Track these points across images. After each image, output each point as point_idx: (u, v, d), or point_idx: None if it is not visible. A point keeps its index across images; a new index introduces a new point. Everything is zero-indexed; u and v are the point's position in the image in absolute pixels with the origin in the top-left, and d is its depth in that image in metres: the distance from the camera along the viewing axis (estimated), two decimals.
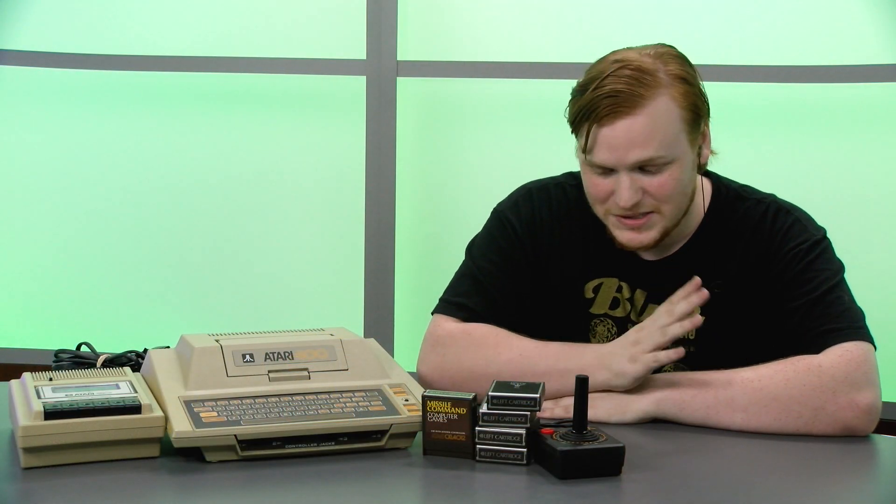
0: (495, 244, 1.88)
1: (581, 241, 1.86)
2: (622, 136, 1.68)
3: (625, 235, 1.77)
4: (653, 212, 1.74)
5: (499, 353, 1.75)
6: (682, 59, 1.75)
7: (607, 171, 1.73)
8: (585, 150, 1.72)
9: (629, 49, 1.75)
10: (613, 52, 1.75)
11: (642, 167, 1.71)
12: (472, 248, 1.91)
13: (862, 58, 2.99)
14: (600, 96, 1.68)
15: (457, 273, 1.90)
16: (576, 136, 1.77)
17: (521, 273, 1.86)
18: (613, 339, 1.83)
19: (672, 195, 1.73)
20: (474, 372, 1.75)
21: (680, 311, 1.67)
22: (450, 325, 1.82)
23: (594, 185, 1.76)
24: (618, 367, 1.67)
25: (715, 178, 1.88)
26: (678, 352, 1.67)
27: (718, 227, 1.83)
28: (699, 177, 1.82)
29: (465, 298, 1.84)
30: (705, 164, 1.80)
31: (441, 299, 1.88)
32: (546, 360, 1.72)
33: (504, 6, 3.20)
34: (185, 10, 3.35)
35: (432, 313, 1.87)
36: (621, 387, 1.68)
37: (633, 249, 1.79)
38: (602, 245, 1.85)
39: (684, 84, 1.71)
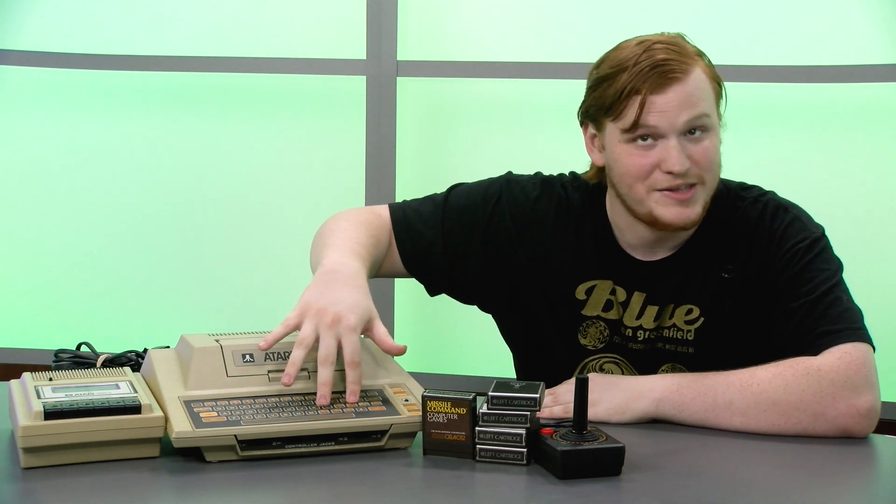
0: (480, 197, 1.91)
1: (574, 244, 1.86)
2: (674, 99, 1.71)
3: (671, 211, 1.75)
4: (697, 183, 1.75)
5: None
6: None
7: (651, 143, 1.73)
8: (633, 124, 1.72)
9: (641, 35, 1.78)
10: (628, 40, 1.78)
11: (689, 132, 1.73)
12: (455, 188, 1.95)
13: (862, 58, 2.99)
14: (646, 69, 1.71)
15: (429, 197, 1.95)
16: (602, 123, 1.78)
17: (474, 238, 1.89)
18: (606, 341, 1.84)
19: (713, 163, 1.76)
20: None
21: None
22: (385, 215, 1.91)
23: (636, 163, 1.75)
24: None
25: None
26: None
27: (717, 226, 1.82)
28: None
29: (421, 223, 1.90)
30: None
31: (398, 204, 1.95)
32: None
33: (504, 6, 3.20)
34: (185, 10, 3.35)
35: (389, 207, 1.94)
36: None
37: (679, 228, 1.76)
38: (598, 248, 1.85)
39: (706, 59, 1.78)
